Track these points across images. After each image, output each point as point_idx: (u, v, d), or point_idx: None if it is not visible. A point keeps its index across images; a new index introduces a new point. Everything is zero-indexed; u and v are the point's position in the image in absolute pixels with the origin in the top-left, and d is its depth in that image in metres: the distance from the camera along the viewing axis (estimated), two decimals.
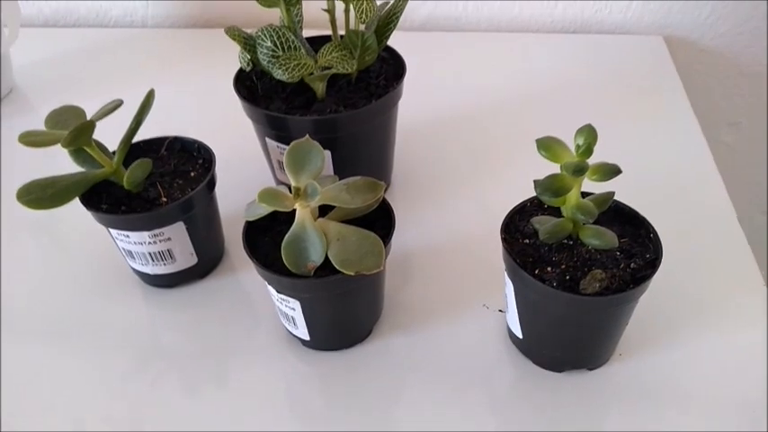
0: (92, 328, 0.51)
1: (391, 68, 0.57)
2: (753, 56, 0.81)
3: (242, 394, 0.46)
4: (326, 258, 0.42)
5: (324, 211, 0.45)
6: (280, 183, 0.58)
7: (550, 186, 0.37)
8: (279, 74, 0.49)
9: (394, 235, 0.44)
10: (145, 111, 0.48)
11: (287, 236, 0.42)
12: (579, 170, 0.36)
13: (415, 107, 0.59)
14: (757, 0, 0.77)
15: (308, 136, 0.44)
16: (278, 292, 0.44)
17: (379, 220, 0.46)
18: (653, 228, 0.44)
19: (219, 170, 0.51)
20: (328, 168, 0.55)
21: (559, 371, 0.46)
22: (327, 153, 0.51)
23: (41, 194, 0.46)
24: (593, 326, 0.42)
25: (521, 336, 0.46)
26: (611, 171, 0.37)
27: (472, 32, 0.85)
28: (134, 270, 0.53)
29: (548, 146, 0.38)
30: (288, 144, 0.53)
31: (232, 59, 0.55)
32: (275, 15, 0.53)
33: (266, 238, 0.46)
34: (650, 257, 0.42)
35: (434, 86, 0.74)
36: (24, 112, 0.76)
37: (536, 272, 0.41)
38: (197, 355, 0.48)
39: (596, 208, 0.39)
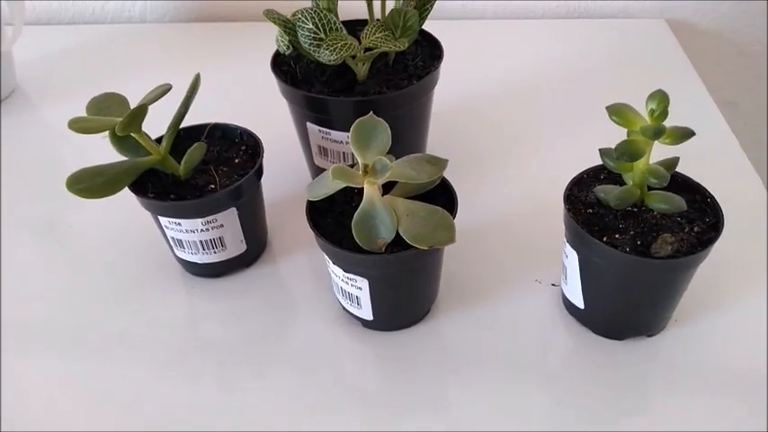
0: (138, 323, 0.49)
1: (426, 50, 0.57)
2: (753, 36, 0.84)
3: (304, 376, 0.45)
4: (395, 236, 0.42)
5: (385, 189, 0.45)
6: (317, 169, 0.58)
7: (626, 151, 0.38)
8: (325, 55, 0.49)
9: None
10: (192, 95, 0.47)
11: (357, 213, 0.42)
12: (658, 132, 0.37)
13: (437, 93, 0.59)
14: None
15: (371, 113, 0.44)
16: (345, 271, 0.43)
17: (438, 198, 0.46)
18: (709, 192, 0.45)
19: None
20: None
21: (621, 338, 0.47)
22: None
23: (92, 183, 0.44)
24: (661, 290, 0.43)
25: (582, 306, 0.46)
26: (684, 134, 0.38)
27: (476, 20, 0.85)
28: (179, 260, 0.51)
29: (619, 112, 0.39)
30: (331, 128, 0.53)
31: (238, 52, 0.54)
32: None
33: (327, 219, 0.45)
34: (710, 221, 0.43)
35: (449, 73, 0.74)
36: (28, 110, 0.74)
37: (604, 239, 0.42)
38: (253, 343, 0.48)
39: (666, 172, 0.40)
